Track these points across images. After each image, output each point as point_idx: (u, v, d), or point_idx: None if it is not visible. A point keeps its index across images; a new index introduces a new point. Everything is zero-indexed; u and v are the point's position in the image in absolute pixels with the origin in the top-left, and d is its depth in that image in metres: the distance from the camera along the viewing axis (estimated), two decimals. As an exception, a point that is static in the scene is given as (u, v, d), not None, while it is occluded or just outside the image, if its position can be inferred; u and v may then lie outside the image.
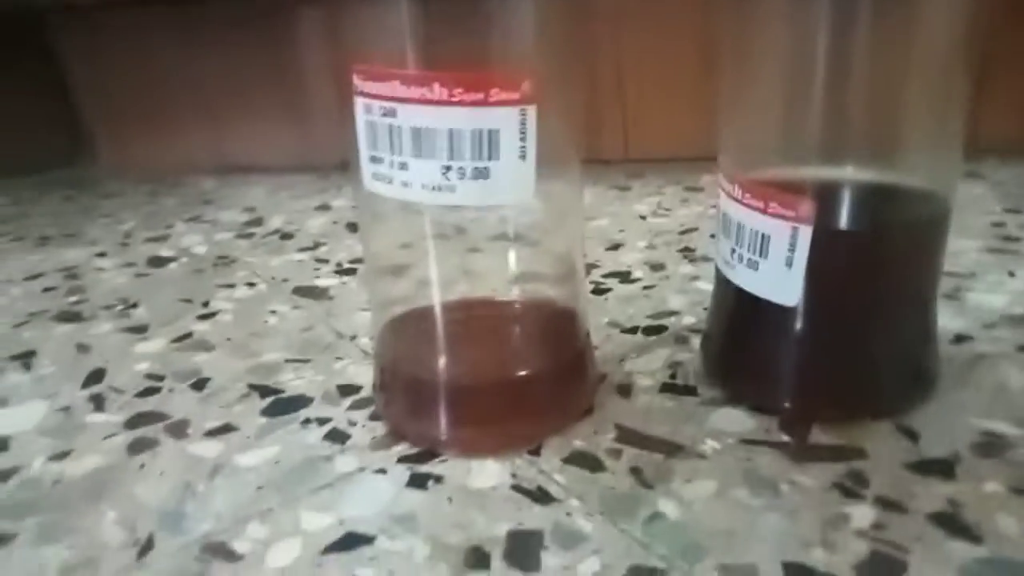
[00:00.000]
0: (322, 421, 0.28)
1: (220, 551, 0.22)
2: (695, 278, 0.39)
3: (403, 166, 0.22)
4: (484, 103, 0.21)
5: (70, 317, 0.38)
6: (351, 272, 0.42)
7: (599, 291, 0.38)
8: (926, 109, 0.25)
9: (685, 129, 0.58)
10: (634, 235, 0.45)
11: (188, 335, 0.36)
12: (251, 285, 0.41)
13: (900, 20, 0.23)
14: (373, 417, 0.28)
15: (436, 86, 0.21)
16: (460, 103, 0.21)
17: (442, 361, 0.26)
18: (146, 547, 0.22)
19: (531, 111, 0.22)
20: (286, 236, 0.49)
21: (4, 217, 0.57)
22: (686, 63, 0.57)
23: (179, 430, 0.28)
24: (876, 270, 0.25)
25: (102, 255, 0.47)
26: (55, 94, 0.68)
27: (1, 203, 0.61)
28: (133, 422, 0.29)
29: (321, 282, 0.41)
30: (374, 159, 0.22)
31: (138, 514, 0.24)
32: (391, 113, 0.22)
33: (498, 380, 0.26)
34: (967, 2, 0.24)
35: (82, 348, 0.35)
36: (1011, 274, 0.37)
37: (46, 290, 0.42)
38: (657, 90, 0.59)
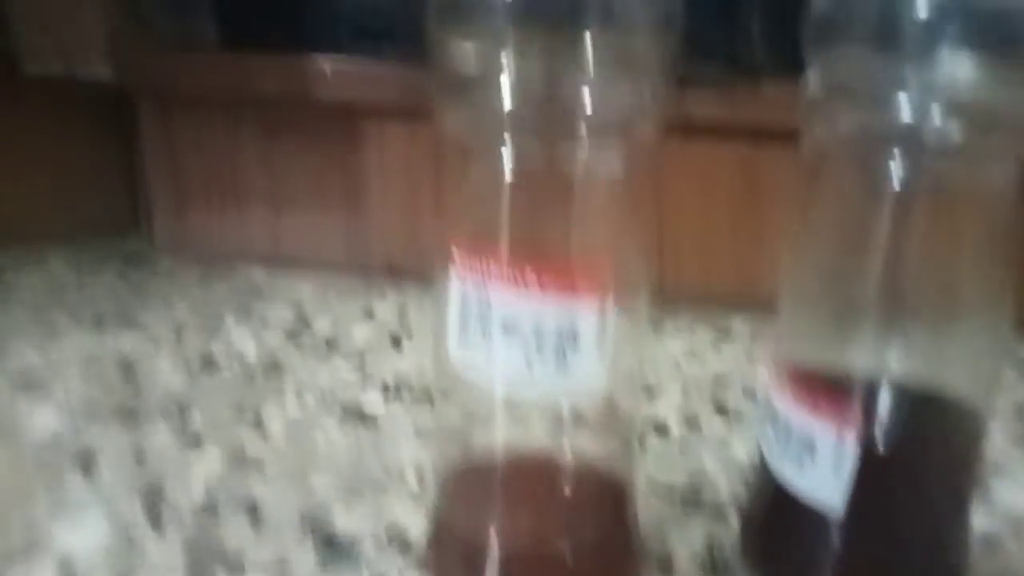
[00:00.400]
0: (370, 566, 0.29)
1: None
2: (726, 442, 0.40)
3: (489, 348, 0.24)
4: (570, 296, 0.23)
5: (128, 416, 0.40)
6: (396, 397, 0.44)
7: (638, 443, 0.39)
8: (973, 316, 0.27)
9: (719, 267, 0.61)
10: (668, 380, 0.47)
11: (242, 453, 0.37)
12: (299, 397, 0.43)
13: (953, 230, 0.26)
14: (422, 567, 0.29)
15: (528, 274, 0.23)
16: (547, 297, 0.23)
17: (495, 528, 0.27)
18: None
19: (610, 312, 0.24)
20: (332, 344, 0.51)
21: (64, 286, 0.59)
22: (723, 207, 0.60)
23: (235, 567, 0.29)
24: (920, 479, 0.27)
25: (156, 347, 0.49)
26: (124, 166, 0.71)
27: (62, 269, 0.63)
28: (191, 552, 0.30)
29: (367, 399, 0.43)
30: (463, 339, 0.24)
31: (199, 660, 0.25)
32: (484, 295, 0.23)
33: (549, 554, 0.27)
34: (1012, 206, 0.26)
35: (139, 457, 0.36)
36: (1036, 470, 0.38)
37: (102, 383, 0.44)
38: (694, 230, 0.61)
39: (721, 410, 0.44)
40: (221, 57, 0.60)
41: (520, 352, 0.24)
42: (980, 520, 0.34)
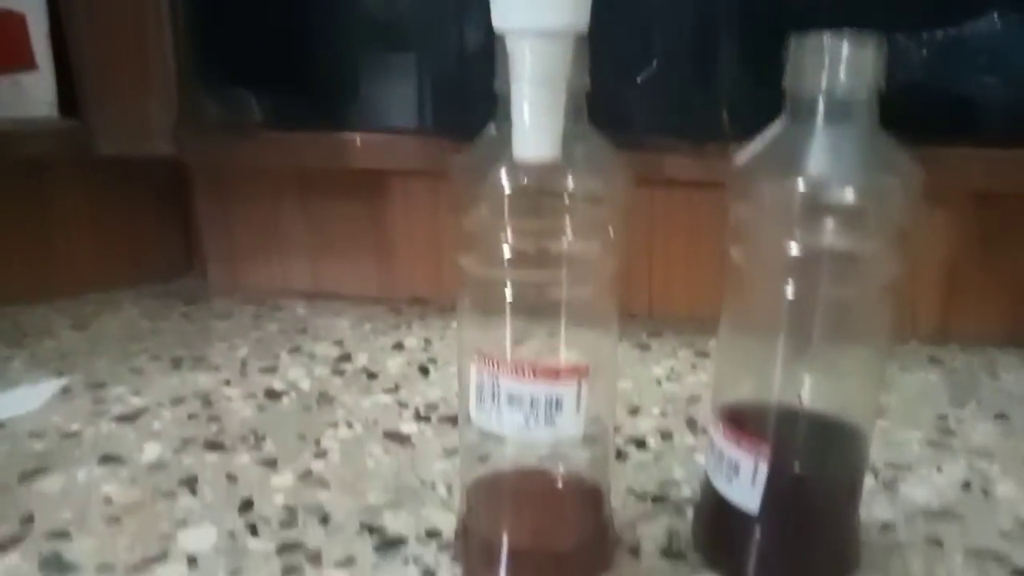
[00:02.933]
0: (416, 559, 0.39)
1: (359, 659, 0.33)
2: (694, 450, 0.50)
3: (499, 412, 0.34)
4: (555, 382, 0.33)
5: (215, 447, 0.51)
6: (427, 420, 0.54)
7: (619, 455, 0.49)
8: (854, 373, 0.37)
9: (703, 292, 0.71)
10: (650, 400, 0.57)
11: (309, 472, 0.48)
12: (350, 426, 0.53)
13: (838, 322, 0.35)
14: (453, 558, 0.39)
15: (525, 368, 0.33)
16: (539, 380, 0.33)
17: (506, 529, 0.37)
18: (308, 652, 0.34)
19: (585, 382, 0.34)
20: (372, 376, 0.61)
21: (139, 332, 0.70)
22: (709, 236, 0.69)
23: (316, 560, 0.40)
24: (817, 492, 0.37)
25: (227, 383, 0.60)
26: (180, 222, 0.82)
27: (133, 314, 0.74)
28: (281, 549, 0.40)
29: (404, 428, 0.53)
30: (479, 405, 0.34)
31: (299, 626, 0.35)
32: (495, 379, 0.34)
33: (547, 550, 0.37)
34: (882, 307, 0.36)
35: (231, 479, 0.47)
36: (939, 469, 0.48)
37: (191, 417, 0.54)
38: (682, 257, 0.71)
39: (691, 425, 0.53)
40: (265, 136, 0.70)
41: (520, 415, 0.34)
42: (885, 510, 0.43)
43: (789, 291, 0.34)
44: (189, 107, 0.70)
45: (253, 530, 0.42)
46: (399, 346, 0.67)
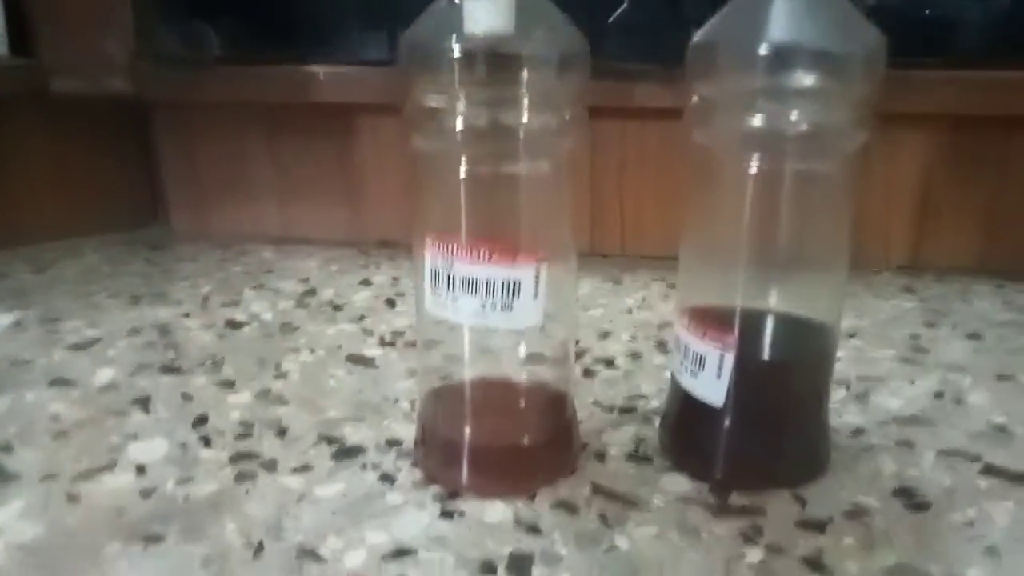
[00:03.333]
0: (375, 466, 0.38)
1: (311, 554, 0.32)
2: (663, 367, 0.49)
3: (454, 300, 0.33)
4: (512, 264, 0.32)
5: (171, 370, 0.49)
6: (391, 345, 0.53)
7: (589, 373, 0.48)
8: (819, 263, 0.36)
9: (676, 230, 0.69)
10: (621, 326, 0.56)
11: (268, 391, 0.46)
12: (312, 351, 0.52)
13: (803, 200, 0.34)
14: (413, 465, 0.38)
15: (481, 251, 0.32)
16: (496, 263, 0.32)
17: (467, 428, 0.36)
18: (259, 549, 0.32)
19: (544, 267, 0.32)
20: (337, 308, 0.60)
21: (100, 275, 0.68)
22: (678, 180, 0.68)
23: (271, 467, 0.38)
24: (782, 385, 0.36)
25: (187, 316, 0.58)
26: (143, 165, 0.80)
27: (95, 260, 0.72)
28: (235, 458, 0.39)
29: (368, 351, 0.52)
30: (435, 292, 0.33)
31: (250, 525, 0.34)
32: (450, 264, 0.32)
33: (507, 445, 0.36)
34: (844, 185, 0.34)
35: (186, 397, 0.45)
36: (912, 382, 0.47)
37: (147, 344, 0.53)
38: (653, 194, 0.70)
39: (661, 347, 0.52)
40: (225, 70, 0.68)
41: (475, 301, 0.32)
42: (857, 417, 0.43)
43: (754, 166, 0.33)
44: (147, 41, 0.68)
45: (206, 442, 0.41)
46: (366, 282, 0.66)
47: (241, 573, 0.31)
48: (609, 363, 0.50)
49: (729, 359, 0.34)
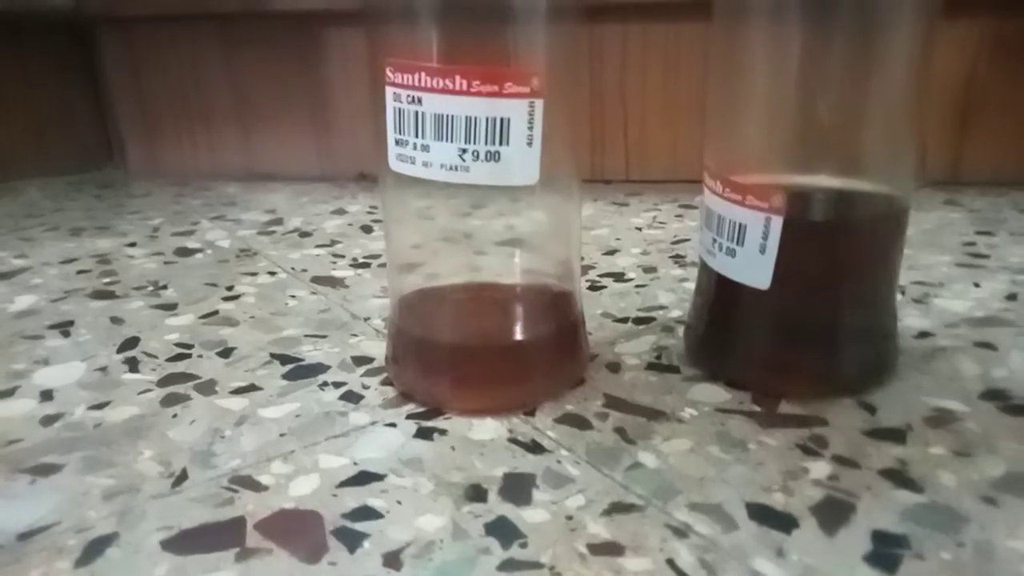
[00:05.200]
0: (338, 384, 0.31)
1: (247, 482, 0.25)
2: (684, 280, 0.42)
3: (425, 148, 0.25)
4: (498, 95, 0.24)
5: (104, 295, 0.41)
6: (365, 266, 0.45)
7: (595, 287, 0.41)
8: (884, 124, 0.28)
9: (683, 154, 0.62)
10: (630, 243, 0.49)
11: (215, 312, 0.39)
12: (272, 274, 0.44)
13: (861, 46, 0.27)
14: (385, 383, 0.31)
15: (457, 78, 0.24)
16: (477, 94, 0.24)
17: (449, 325, 0.29)
18: (180, 478, 0.25)
19: (539, 104, 0.25)
20: (305, 234, 0.52)
21: (40, 211, 0.60)
22: (686, 93, 0.61)
23: (208, 388, 0.31)
24: (840, 259, 0.28)
25: (132, 245, 0.50)
26: (92, 98, 0.72)
27: (37, 197, 0.64)
28: (165, 381, 0.32)
29: (337, 273, 0.44)
30: (399, 142, 0.26)
31: (172, 452, 0.27)
32: (417, 101, 0.25)
33: (499, 344, 0.29)
34: (917, 33, 0.27)
35: (116, 320, 0.38)
36: (976, 285, 0.40)
37: (80, 272, 0.45)
38: (658, 117, 0.62)
39: (679, 261, 0.45)
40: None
41: (452, 148, 0.25)
42: (920, 320, 0.35)
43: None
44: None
45: (132, 365, 0.33)
46: (340, 211, 0.58)
47: (153, 506, 0.24)
48: (619, 276, 0.43)
49: (777, 225, 0.27)
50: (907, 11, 0.27)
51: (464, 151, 0.25)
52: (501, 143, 0.25)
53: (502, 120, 0.25)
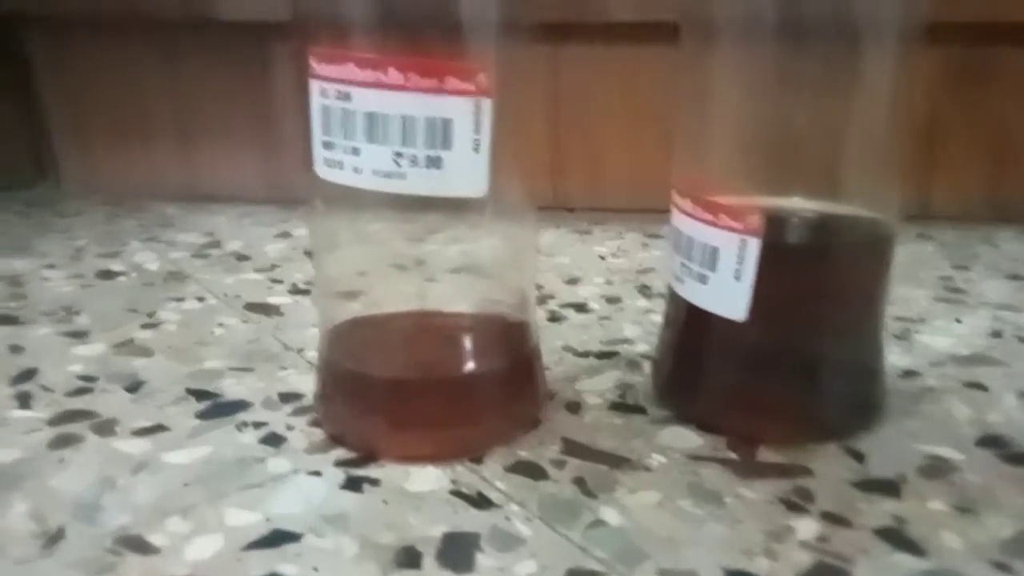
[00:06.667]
0: (259, 425, 0.27)
1: (135, 543, 0.21)
2: (650, 311, 0.39)
3: (355, 151, 0.22)
4: (439, 91, 0.21)
5: (7, 320, 0.37)
6: (305, 292, 0.41)
7: (555, 318, 0.38)
8: (864, 143, 0.26)
9: (649, 181, 0.59)
10: (592, 272, 0.46)
11: (129, 341, 0.35)
12: (201, 300, 0.40)
13: (837, 62, 0.24)
14: (313, 424, 0.27)
15: (391, 70, 0.21)
16: (415, 89, 0.21)
17: (386, 357, 0.25)
18: (55, 538, 0.21)
19: (486, 104, 0.22)
20: (243, 258, 0.48)
21: (-47, 230, 0.55)
22: (650, 118, 0.58)
23: (106, 428, 0.27)
24: (823, 287, 0.25)
25: (50, 267, 0.46)
26: (22, 110, 0.67)
27: (-49, 217, 0.59)
28: (58, 419, 0.27)
29: (273, 300, 0.40)
30: (327, 144, 0.22)
31: (51, 506, 0.22)
32: (345, 97, 0.22)
33: (443, 379, 0.25)
34: (895, 50, 0.25)
35: (15, 349, 0.34)
36: (958, 320, 0.37)
37: (-15, 296, 0.41)
38: (622, 144, 0.60)
39: (645, 292, 0.42)
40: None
41: (387, 151, 0.22)
42: (903, 358, 0.33)
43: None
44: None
45: (23, 400, 0.29)
46: (285, 235, 0.54)
47: (15, 574, 0.20)
48: (580, 307, 0.39)
49: (753, 248, 0.24)
50: (884, 27, 0.25)
51: (400, 155, 0.22)
52: (443, 147, 0.22)
53: (443, 121, 0.21)
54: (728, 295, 0.25)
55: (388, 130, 0.21)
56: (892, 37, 0.25)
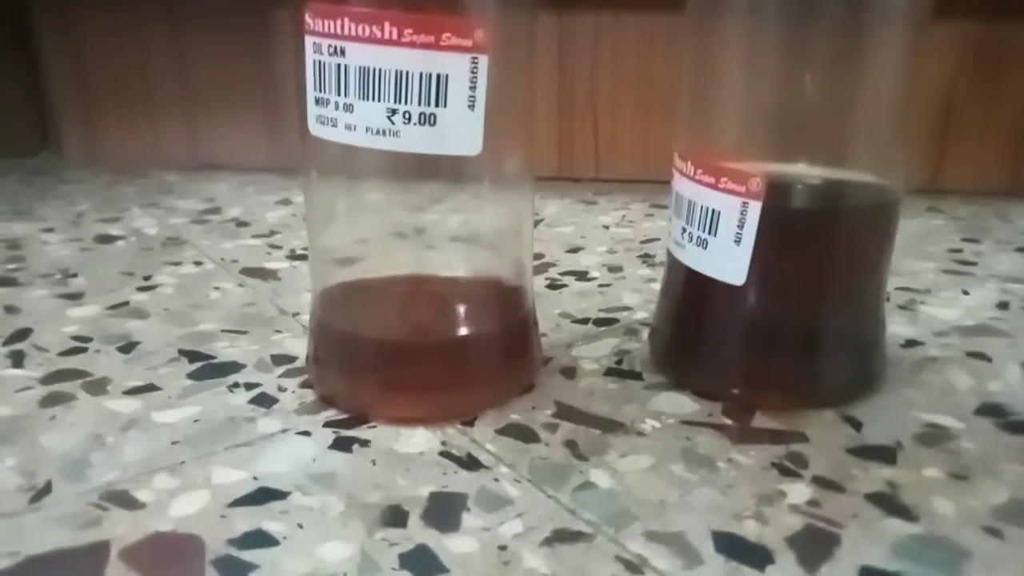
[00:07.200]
0: (250, 386, 0.27)
1: (121, 498, 0.21)
2: (651, 280, 0.38)
3: (348, 107, 0.21)
4: (435, 46, 0.21)
5: (3, 282, 0.37)
6: (303, 258, 0.41)
7: (554, 286, 0.37)
8: (870, 108, 0.25)
9: (656, 152, 0.59)
10: (595, 241, 0.45)
11: (124, 304, 0.34)
12: (198, 264, 0.40)
13: (844, 27, 0.24)
14: (305, 386, 0.27)
15: (386, 25, 0.20)
16: (410, 44, 0.21)
17: (379, 319, 0.25)
18: (41, 492, 0.21)
19: (483, 60, 0.21)
20: (242, 224, 0.48)
21: (-45, 194, 0.55)
22: (660, 89, 0.58)
23: (98, 387, 0.27)
24: (824, 252, 0.25)
25: (49, 231, 0.46)
26: (27, 80, 0.67)
27: (-46, 182, 0.59)
28: (50, 378, 0.27)
29: (271, 265, 0.40)
30: (320, 101, 0.22)
31: (39, 461, 0.22)
32: (339, 52, 0.21)
33: (436, 342, 0.25)
34: (904, 15, 0.24)
35: (11, 309, 0.34)
36: (965, 292, 0.37)
37: (-17, 258, 0.41)
38: (630, 114, 0.59)
39: (647, 261, 0.42)
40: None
41: (380, 107, 0.21)
42: (907, 328, 0.32)
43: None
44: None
45: (17, 359, 0.29)
46: (285, 201, 0.54)
47: (1, 527, 0.20)
48: (581, 275, 0.39)
49: (754, 212, 0.24)
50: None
51: (394, 112, 0.21)
52: (437, 104, 0.21)
53: (439, 77, 0.21)
54: (728, 260, 0.25)
55: (382, 86, 0.21)
56: (899, 3, 0.24)
